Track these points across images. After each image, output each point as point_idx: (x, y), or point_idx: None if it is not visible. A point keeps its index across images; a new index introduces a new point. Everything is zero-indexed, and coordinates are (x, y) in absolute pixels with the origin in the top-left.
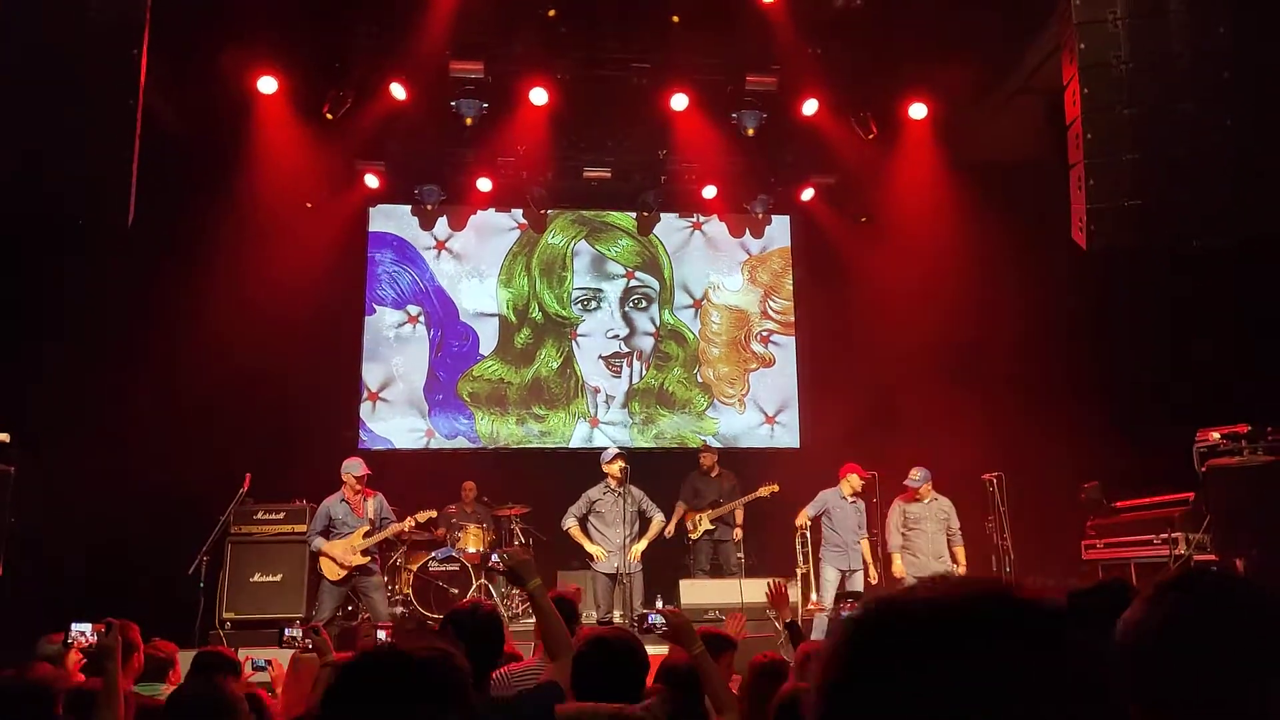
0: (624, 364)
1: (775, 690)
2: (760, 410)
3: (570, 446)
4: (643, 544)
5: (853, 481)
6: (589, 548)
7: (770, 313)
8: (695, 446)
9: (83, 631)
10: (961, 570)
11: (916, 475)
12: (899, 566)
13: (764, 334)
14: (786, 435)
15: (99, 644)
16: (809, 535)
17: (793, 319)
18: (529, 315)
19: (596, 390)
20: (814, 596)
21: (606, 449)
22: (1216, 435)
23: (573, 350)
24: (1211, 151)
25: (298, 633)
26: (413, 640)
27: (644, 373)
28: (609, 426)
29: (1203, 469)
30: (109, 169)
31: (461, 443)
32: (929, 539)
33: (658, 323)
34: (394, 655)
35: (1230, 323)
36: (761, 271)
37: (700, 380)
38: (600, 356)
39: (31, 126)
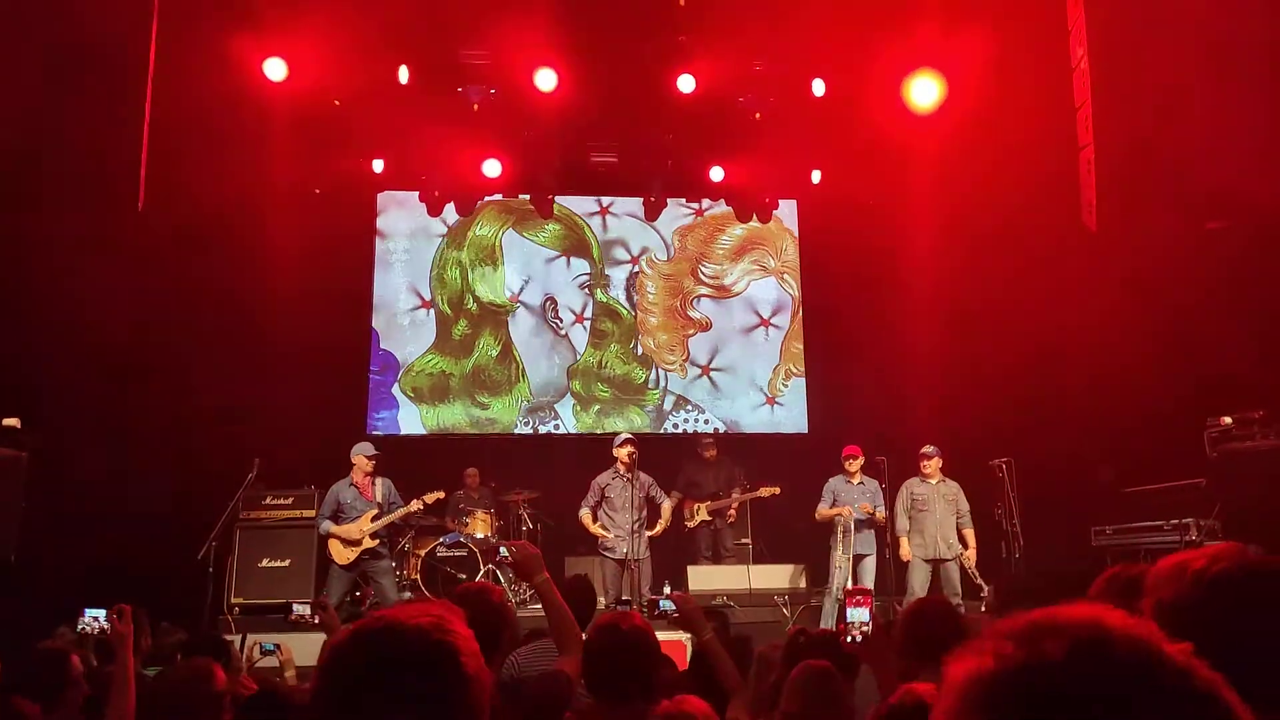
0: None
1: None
2: (759, 390)
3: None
4: (659, 527)
5: (853, 463)
6: (594, 529)
7: (703, 278)
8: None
9: (96, 617)
10: (970, 553)
11: (928, 449)
12: (905, 550)
13: (750, 305)
14: (790, 418)
15: (113, 631)
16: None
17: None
18: (464, 306)
19: None
20: (841, 585)
21: (617, 434)
22: (1229, 420)
23: (510, 337)
24: (1226, 131)
25: (305, 609)
26: (409, 609)
27: (582, 351)
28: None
29: (1214, 454)
30: (119, 156)
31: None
32: (937, 521)
33: (593, 302)
34: (387, 624)
35: (1245, 306)
36: (691, 240)
37: (640, 352)
38: None
39: (41, 114)
